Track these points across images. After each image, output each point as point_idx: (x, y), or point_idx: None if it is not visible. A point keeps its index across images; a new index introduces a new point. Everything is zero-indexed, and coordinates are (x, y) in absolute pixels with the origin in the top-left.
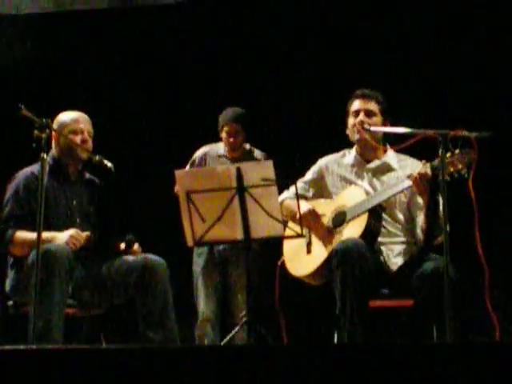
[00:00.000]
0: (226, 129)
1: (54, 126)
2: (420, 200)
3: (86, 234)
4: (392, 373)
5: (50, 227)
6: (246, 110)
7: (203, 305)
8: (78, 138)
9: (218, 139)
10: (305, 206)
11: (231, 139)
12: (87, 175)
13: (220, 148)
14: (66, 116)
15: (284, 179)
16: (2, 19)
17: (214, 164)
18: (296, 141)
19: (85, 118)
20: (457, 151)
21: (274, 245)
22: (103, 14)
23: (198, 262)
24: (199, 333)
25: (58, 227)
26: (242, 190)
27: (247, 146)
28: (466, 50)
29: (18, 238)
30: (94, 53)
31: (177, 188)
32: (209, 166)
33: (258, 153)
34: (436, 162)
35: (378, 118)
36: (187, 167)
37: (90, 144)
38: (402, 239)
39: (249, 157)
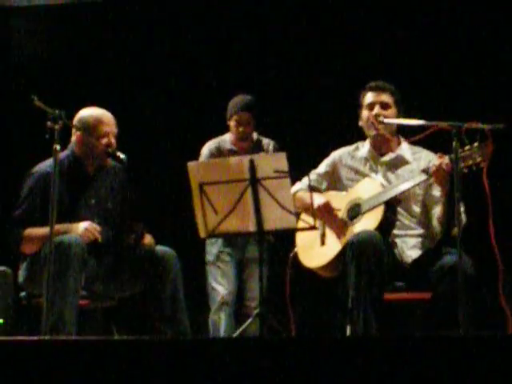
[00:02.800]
0: (235, 118)
1: (77, 123)
2: (436, 193)
3: (99, 228)
4: (406, 365)
5: None
6: (254, 98)
7: (220, 289)
8: (103, 141)
9: (224, 130)
10: (319, 199)
11: (241, 129)
12: (108, 164)
13: (227, 141)
14: (90, 116)
15: (297, 171)
16: (14, 11)
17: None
18: (307, 132)
19: (110, 119)
20: (475, 144)
21: (287, 236)
22: (115, 4)
23: (212, 251)
24: (215, 317)
25: None
26: (254, 181)
27: (255, 136)
28: (481, 41)
29: (29, 235)
30: (105, 44)
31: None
32: (222, 158)
33: (266, 141)
34: (453, 154)
35: (392, 110)
36: None
37: (114, 145)
38: (417, 232)
39: (258, 147)
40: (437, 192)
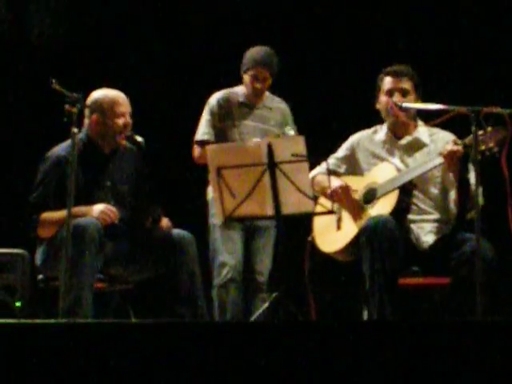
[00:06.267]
0: (252, 72)
1: (92, 105)
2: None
3: (116, 211)
4: (421, 351)
5: None
6: (274, 51)
7: (228, 261)
8: (120, 122)
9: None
10: (337, 182)
11: (258, 85)
12: (123, 146)
13: (239, 94)
14: (105, 97)
15: (315, 155)
16: None
17: (235, 112)
18: (325, 116)
19: (124, 99)
20: (489, 129)
21: (305, 220)
22: None
23: (218, 214)
24: (222, 292)
25: None
26: (272, 165)
27: (267, 93)
28: (499, 26)
29: (45, 219)
30: (120, 28)
31: (197, 153)
32: (239, 142)
33: (277, 100)
34: (468, 139)
35: (411, 96)
36: (206, 116)
37: (130, 125)
38: (434, 217)
39: (269, 105)
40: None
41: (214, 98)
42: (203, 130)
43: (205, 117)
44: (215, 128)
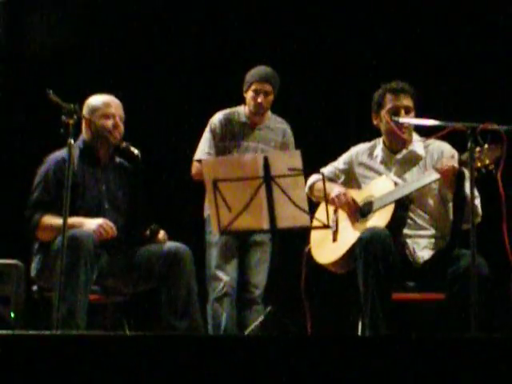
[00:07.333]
0: (254, 87)
1: (85, 109)
2: None
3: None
4: (415, 366)
5: (78, 212)
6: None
7: (223, 277)
8: (109, 123)
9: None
10: (338, 189)
11: (259, 99)
12: (117, 159)
13: (241, 113)
14: (96, 100)
15: (311, 169)
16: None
17: (237, 132)
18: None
19: (116, 103)
20: (485, 146)
21: (302, 234)
22: None
23: (214, 232)
24: (216, 306)
25: (86, 212)
26: (268, 179)
27: (269, 113)
28: (496, 42)
29: (45, 223)
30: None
31: (196, 169)
32: (236, 155)
33: (279, 120)
34: (464, 155)
35: (413, 113)
36: (207, 135)
37: (121, 129)
38: (430, 233)
39: (271, 126)
40: None
41: (216, 118)
42: (203, 149)
43: (206, 136)
44: (216, 147)
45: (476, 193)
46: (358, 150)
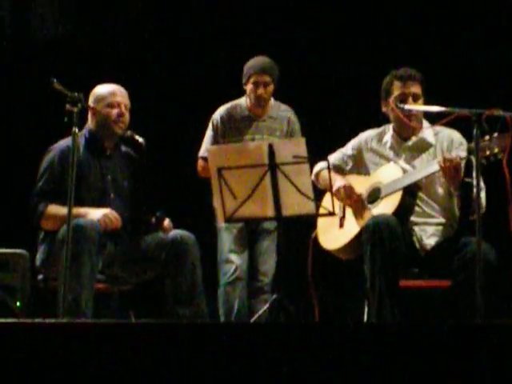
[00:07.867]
0: (254, 79)
1: (91, 98)
2: None
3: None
4: (421, 353)
5: (83, 201)
6: (272, 59)
7: (236, 260)
8: (114, 112)
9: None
10: (340, 182)
11: (260, 91)
12: (123, 148)
13: (242, 106)
14: (102, 89)
15: (316, 158)
16: None
17: (240, 126)
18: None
19: (122, 91)
20: (495, 134)
21: (308, 221)
22: None
23: (220, 220)
24: (229, 290)
25: (91, 201)
26: (273, 166)
27: (272, 102)
28: (502, 28)
29: (50, 212)
30: (125, 28)
31: (200, 167)
32: (241, 143)
33: (283, 108)
34: (473, 144)
35: (421, 100)
36: (209, 132)
37: (126, 117)
38: (437, 220)
39: (274, 115)
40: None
41: (217, 114)
42: (206, 146)
43: (208, 133)
44: (219, 143)
45: (482, 184)
46: (368, 136)
